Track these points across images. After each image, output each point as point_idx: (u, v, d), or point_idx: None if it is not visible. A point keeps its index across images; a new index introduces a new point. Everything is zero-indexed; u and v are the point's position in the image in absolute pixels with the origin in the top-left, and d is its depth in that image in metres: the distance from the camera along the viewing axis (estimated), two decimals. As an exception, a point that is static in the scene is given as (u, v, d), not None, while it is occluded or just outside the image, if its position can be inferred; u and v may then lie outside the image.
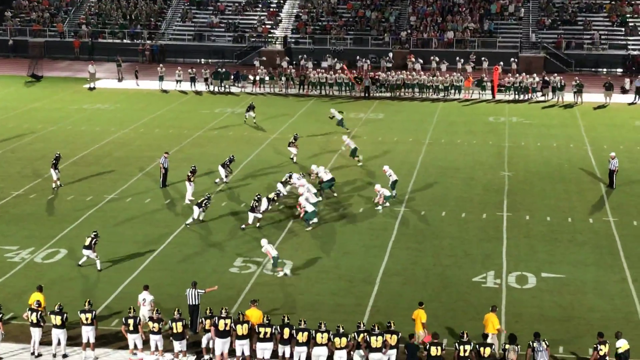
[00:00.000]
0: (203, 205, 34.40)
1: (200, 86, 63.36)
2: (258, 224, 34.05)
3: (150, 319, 23.98)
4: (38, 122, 52.11)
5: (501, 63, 65.85)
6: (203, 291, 25.63)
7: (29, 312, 24.32)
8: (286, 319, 23.75)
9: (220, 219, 35.23)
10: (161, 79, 63.74)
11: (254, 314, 24.14)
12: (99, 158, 44.47)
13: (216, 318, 23.72)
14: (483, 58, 68.81)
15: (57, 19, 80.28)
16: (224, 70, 64.33)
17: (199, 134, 49.66)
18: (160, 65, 66.66)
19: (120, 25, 78.84)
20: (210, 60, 74.11)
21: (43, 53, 76.37)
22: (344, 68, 64.92)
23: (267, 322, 23.60)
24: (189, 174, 37.13)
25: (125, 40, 77.48)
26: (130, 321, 23.84)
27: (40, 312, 24.18)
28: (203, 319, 24.25)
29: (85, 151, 45.62)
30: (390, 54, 71.52)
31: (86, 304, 24.32)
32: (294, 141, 43.97)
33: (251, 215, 33.94)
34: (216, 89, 63.21)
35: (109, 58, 73.15)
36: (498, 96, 61.16)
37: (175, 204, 36.97)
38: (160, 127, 50.86)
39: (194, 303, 25.42)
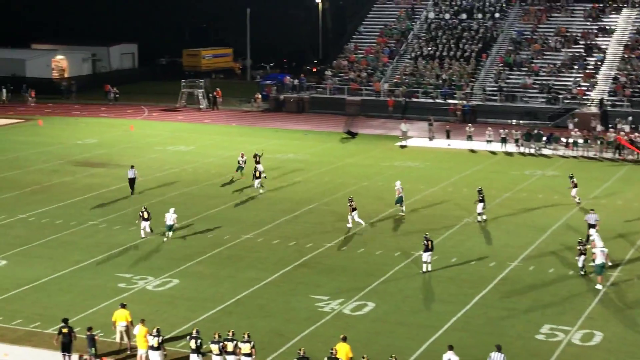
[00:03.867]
0: None
1: (511, 147, 62.93)
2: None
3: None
4: (351, 177, 54.13)
5: None
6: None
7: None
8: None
9: (527, 286, 34.61)
10: (469, 138, 64.19)
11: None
12: (407, 215, 45.29)
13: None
14: None
15: (374, 78, 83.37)
16: (536, 131, 63.55)
17: (507, 196, 49.22)
18: (469, 125, 67.16)
19: (434, 85, 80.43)
20: (522, 122, 73.42)
21: (359, 111, 79.38)
22: (618, 139, 61.42)
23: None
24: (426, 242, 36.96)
25: (437, 100, 78.83)
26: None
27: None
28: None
29: (394, 207, 46.67)
30: None
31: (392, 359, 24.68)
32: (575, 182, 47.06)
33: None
34: (527, 151, 62.50)
35: (421, 117, 74.66)
36: None
37: (487, 261, 36.81)
38: (468, 187, 50.93)
39: (498, 367, 25.03)
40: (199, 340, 26.48)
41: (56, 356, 27.30)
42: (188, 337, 27.07)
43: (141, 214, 41.22)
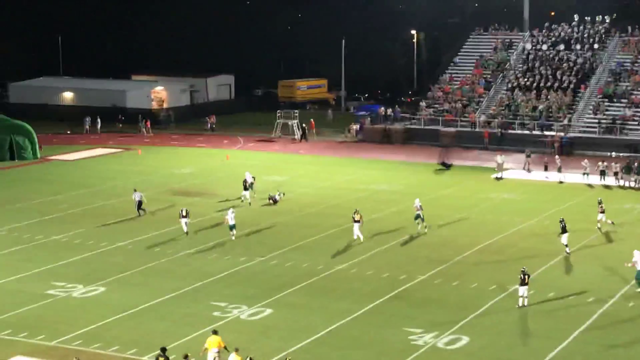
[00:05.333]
0: None
1: (610, 180, 61.57)
2: None
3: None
4: (445, 209, 53.72)
5: None
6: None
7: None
8: None
9: (627, 322, 33.73)
10: (559, 170, 63.18)
11: None
12: (503, 247, 44.76)
13: None
14: None
15: (469, 109, 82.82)
16: (636, 164, 62.10)
17: (605, 230, 48.12)
18: (557, 156, 66.18)
19: (530, 116, 79.45)
20: (621, 154, 71.83)
21: (453, 142, 78.85)
22: None
23: None
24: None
25: (534, 132, 77.80)
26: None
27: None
28: None
29: (489, 240, 46.15)
30: None
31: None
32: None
33: None
34: (627, 184, 61.06)
35: (517, 149, 73.77)
36: None
37: (585, 296, 36.04)
38: (566, 220, 49.96)
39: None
40: (291, 371, 26.54)
41: (152, 383, 27.74)
42: (281, 367, 27.15)
43: (181, 212, 47.22)
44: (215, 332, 29.19)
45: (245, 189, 55.14)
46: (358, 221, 45.43)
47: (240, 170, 67.01)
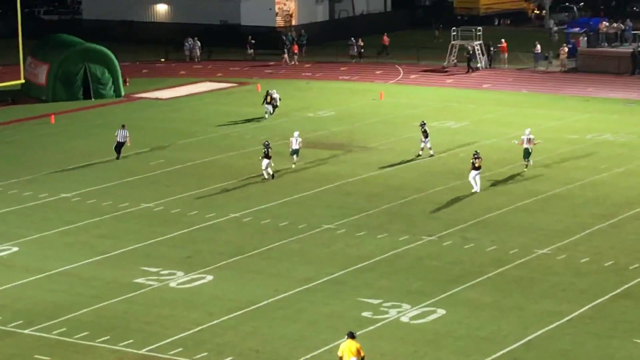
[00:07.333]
0: None
1: None
2: None
3: None
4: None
5: None
6: None
7: None
8: None
9: None
10: None
11: None
12: None
13: None
14: None
15: None
16: None
17: None
18: None
19: None
20: None
21: None
22: None
23: None
24: None
25: None
26: None
27: None
28: None
29: None
30: None
31: None
32: None
33: None
34: None
35: None
36: None
37: None
38: None
39: None
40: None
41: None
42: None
43: (265, 150, 51.11)
44: (352, 336, 29.35)
45: (268, 102, 65.52)
46: (478, 168, 48.85)
47: (399, 113, 67.22)
